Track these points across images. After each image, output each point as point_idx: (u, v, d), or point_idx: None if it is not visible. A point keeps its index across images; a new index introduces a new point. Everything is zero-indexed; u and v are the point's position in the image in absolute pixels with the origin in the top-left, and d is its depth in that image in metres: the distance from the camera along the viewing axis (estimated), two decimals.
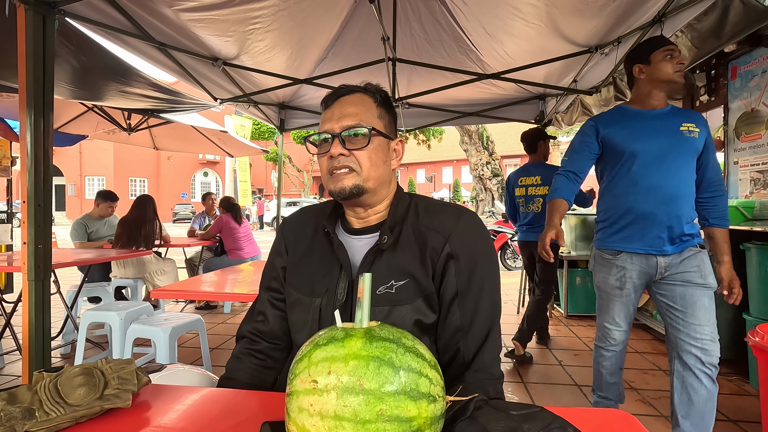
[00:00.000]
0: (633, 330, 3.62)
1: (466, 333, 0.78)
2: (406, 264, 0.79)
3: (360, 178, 0.81)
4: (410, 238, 0.82)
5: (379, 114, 0.86)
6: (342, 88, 0.87)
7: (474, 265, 0.79)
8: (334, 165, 0.82)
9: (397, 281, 0.79)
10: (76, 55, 2.41)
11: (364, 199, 0.84)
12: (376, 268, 0.80)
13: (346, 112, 0.83)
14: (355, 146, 0.81)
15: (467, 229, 0.81)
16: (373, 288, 0.77)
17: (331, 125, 0.83)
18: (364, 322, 0.52)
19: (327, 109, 0.87)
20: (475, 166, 11.45)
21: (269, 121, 4.45)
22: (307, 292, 0.85)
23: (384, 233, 0.81)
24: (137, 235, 3.66)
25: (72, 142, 4.79)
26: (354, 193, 0.81)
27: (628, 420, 0.60)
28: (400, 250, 0.81)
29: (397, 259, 0.80)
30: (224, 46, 2.88)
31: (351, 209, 0.89)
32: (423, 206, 0.87)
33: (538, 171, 3.06)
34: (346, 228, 0.90)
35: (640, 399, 2.33)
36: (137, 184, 26.86)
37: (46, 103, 1.78)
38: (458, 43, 3.12)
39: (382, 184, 0.86)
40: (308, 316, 0.84)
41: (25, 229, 1.72)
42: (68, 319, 3.06)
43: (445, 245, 0.79)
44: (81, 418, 0.60)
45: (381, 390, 0.44)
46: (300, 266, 0.89)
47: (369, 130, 0.81)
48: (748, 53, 3.06)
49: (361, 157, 0.82)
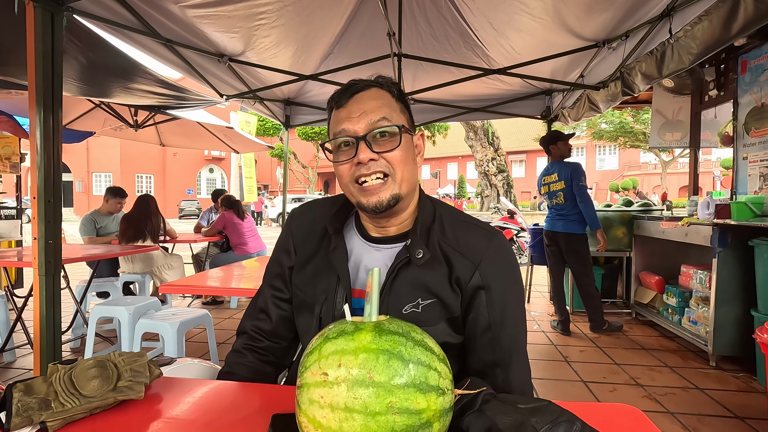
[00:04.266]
0: (639, 326, 3.62)
1: (507, 367, 0.74)
2: (434, 283, 0.73)
3: (395, 184, 0.73)
4: (437, 255, 0.75)
5: (400, 109, 0.77)
6: (354, 84, 0.77)
7: (506, 296, 0.75)
8: (363, 172, 0.72)
9: (424, 300, 0.73)
10: (83, 52, 2.43)
11: (397, 209, 0.75)
12: (400, 283, 0.74)
13: (366, 109, 0.73)
14: (385, 148, 0.72)
15: (498, 258, 0.75)
16: (396, 304, 0.73)
17: (352, 126, 0.72)
18: (373, 315, 0.53)
19: (341, 108, 0.76)
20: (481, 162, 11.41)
21: (275, 117, 4.46)
22: (310, 296, 0.80)
23: (417, 246, 0.73)
24: (143, 230, 3.70)
25: (80, 138, 4.83)
26: (391, 205, 0.73)
27: (635, 414, 0.61)
28: (428, 268, 0.74)
29: (424, 276, 0.73)
30: (230, 43, 2.89)
31: (374, 221, 0.79)
32: (448, 221, 0.79)
33: (554, 169, 3.43)
34: (362, 232, 0.82)
35: (647, 395, 2.33)
36: (143, 181, 27.06)
37: (55, 100, 1.79)
38: (464, 38, 3.11)
39: (413, 187, 0.78)
40: (311, 323, 0.80)
41: (35, 225, 1.74)
42: (78, 314, 3.10)
43: (475, 273, 0.73)
44: (95, 409, 0.61)
45: (391, 383, 0.45)
46: (306, 268, 0.83)
47: (399, 128, 0.73)
48: (758, 47, 3.02)
49: (394, 159, 0.72)
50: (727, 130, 3.56)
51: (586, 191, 3.26)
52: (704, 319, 2.87)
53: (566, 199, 3.32)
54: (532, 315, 4.06)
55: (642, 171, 29.50)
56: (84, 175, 25.48)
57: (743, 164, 3.22)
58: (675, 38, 2.27)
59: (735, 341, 2.68)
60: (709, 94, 3.74)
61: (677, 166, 24.64)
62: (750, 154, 3.15)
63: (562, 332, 3.42)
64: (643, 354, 2.97)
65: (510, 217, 7.88)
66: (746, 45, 3.11)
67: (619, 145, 22.30)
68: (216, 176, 31.54)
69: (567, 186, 3.29)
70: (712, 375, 2.60)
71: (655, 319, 3.47)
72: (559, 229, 3.41)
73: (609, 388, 2.42)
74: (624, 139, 20.27)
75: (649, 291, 3.71)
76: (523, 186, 31.38)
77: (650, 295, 3.69)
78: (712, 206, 2.84)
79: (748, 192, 3.14)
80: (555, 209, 3.44)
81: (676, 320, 3.22)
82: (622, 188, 25.18)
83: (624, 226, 3.87)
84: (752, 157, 3.13)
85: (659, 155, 20.88)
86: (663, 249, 3.65)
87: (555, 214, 3.45)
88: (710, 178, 21.97)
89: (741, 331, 2.66)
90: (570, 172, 3.28)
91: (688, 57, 2.21)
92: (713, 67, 3.60)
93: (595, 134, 20.69)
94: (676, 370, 2.67)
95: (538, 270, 4.48)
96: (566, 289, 4.16)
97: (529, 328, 3.63)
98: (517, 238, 7.55)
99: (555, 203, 3.42)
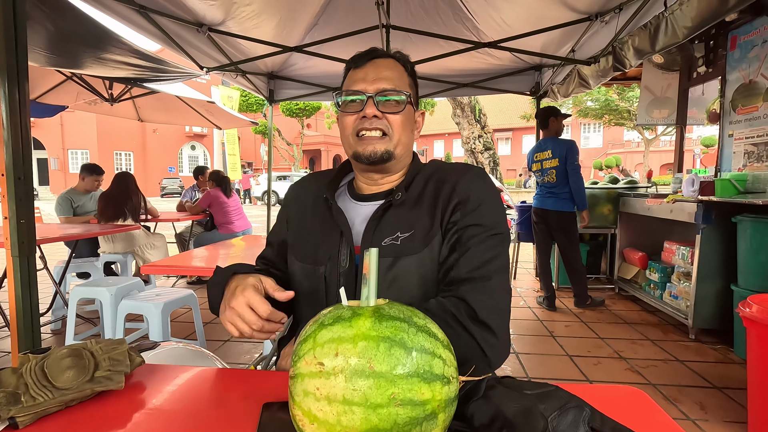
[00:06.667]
0: (622, 301, 3.70)
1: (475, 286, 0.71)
2: (414, 218, 0.79)
3: (391, 143, 0.82)
4: (420, 194, 0.82)
5: (409, 83, 0.87)
6: (375, 50, 0.86)
7: (482, 213, 0.77)
8: (365, 126, 0.80)
9: (403, 233, 0.78)
10: (51, 18, 2.26)
11: (389, 166, 0.84)
12: (383, 224, 0.79)
13: (381, 75, 0.82)
14: (389, 110, 0.81)
15: (475, 179, 0.81)
16: (377, 241, 0.77)
17: (365, 86, 0.81)
18: (371, 299, 0.49)
19: (358, 68, 0.84)
20: (467, 139, 11.35)
21: (258, 91, 4.31)
22: (310, 261, 0.83)
23: (398, 191, 0.81)
24: (122, 208, 3.58)
25: (51, 113, 4.60)
26: (384, 158, 0.81)
27: (640, 396, 0.59)
28: (408, 206, 0.81)
29: (404, 214, 0.80)
30: (209, 11, 2.74)
31: (366, 175, 0.88)
32: (434, 167, 0.88)
33: (548, 146, 3.37)
34: (352, 194, 0.90)
35: (629, 368, 2.39)
36: (122, 158, 26.24)
37: (20, 70, 1.67)
38: (454, 9, 3.01)
39: (407, 153, 0.88)
40: (314, 286, 0.82)
41: (5, 204, 1.65)
42: (57, 295, 3.01)
43: (453, 193, 0.79)
44: (71, 402, 0.57)
45: (393, 372, 0.42)
46: (302, 235, 0.88)
47: (407, 96, 0.82)
48: (749, 23, 3.00)
49: (395, 122, 0.81)
50: (715, 108, 3.57)
51: (579, 171, 3.25)
52: (685, 294, 2.94)
53: (558, 177, 3.30)
54: (519, 291, 4.11)
55: (625, 149, 29.83)
56: (59, 152, 24.56)
57: (728, 141, 3.25)
58: (670, 11, 2.22)
59: (714, 315, 2.75)
60: (698, 71, 3.73)
61: (659, 144, 24.97)
62: (736, 131, 3.17)
63: (548, 308, 3.48)
64: (625, 328, 3.04)
65: None
66: (737, 20, 3.08)
67: (603, 123, 22.44)
68: (198, 153, 30.80)
69: (561, 164, 3.27)
70: (691, 347, 2.68)
71: (637, 294, 3.54)
72: (550, 207, 3.40)
73: (593, 362, 2.47)
74: (609, 117, 20.38)
75: (632, 267, 3.78)
76: (509, 164, 31.48)
77: (633, 271, 3.77)
78: (697, 183, 2.87)
79: (733, 169, 3.18)
80: (545, 187, 3.42)
81: (657, 295, 3.30)
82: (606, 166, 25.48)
83: (610, 203, 3.90)
84: (738, 134, 3.15)
85: (642, 133, 21.09)
86: (647, 226, 3.70)
87: (545, 192, 3.44)
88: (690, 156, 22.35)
89: (720, 305, 2.73)
90: (566, 151, 3.25)
91: (682, 31, 2.17)
92: (702, 43, 3.57)
93: (581, 112, 20.74)
94: (657, 344, 2.75)
95: (524, 247, 4.52)
96: (552, 266, 4.22)
97: (516, 304, 3.68)
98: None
99: (546, 181, 3.40)
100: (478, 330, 0.66)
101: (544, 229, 3.54)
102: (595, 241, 4.25)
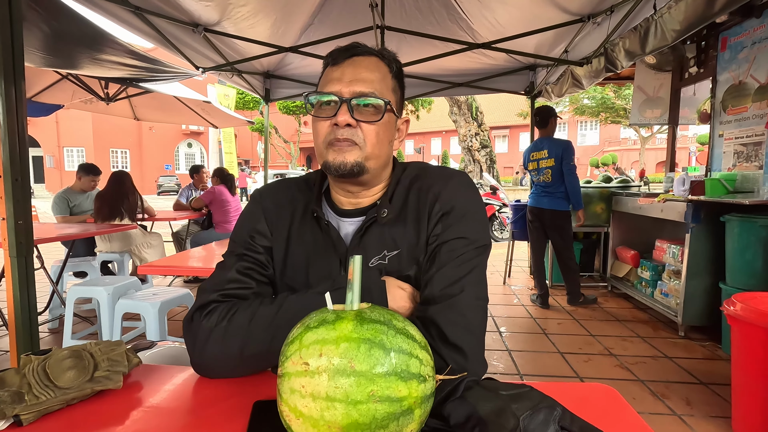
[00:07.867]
0: (614, 299, 3.75)
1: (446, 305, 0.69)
2: (400, 236, 0.75)
3: (362, 154, 0.72)
4: (403, 207, 0.77)
5: (393, 87, 0.77)
6: (356, 46, 0.75)
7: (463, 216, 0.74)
8: (337, 136, 0.71)
9: (390, 251, 0.75)
10: (46, 19, 2.28)
11: (363, 180, 0.76)
12: (367, 243, 0.75)
13: (359, 77, 0.72)
14: (365, 118, 0.72)
15: (457, 187, 0.77)
16: (364, 260, 0.73)
17: (340, 87, 0.71)
18: (355, 304, 0.52)
19: (335, 66, 0.74)
20: (464, 137, 11.38)
21: (254, 90, 4.33)
22: (301, 285, 0.78)
23: (383, 206, 0.76)
24: (119, 208, 3.59)
25: (47, 112, 4.60)
26: (354, 171, 0.72)
27: (610, 393, 0.63)
28: (393, 224, 0.76)
29: (389, 231, 0.76)
30: (204, 11, 2.76)
31: (341, 186, 0.79)
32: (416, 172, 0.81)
33: (544, 145, 3.40)
34: (333, 208, 0.82)
35: (619, 365, 2.44)
36: (119, 156, 26.14)
37: (16, 70, 1.69)
38: (448, 10, 3.03)
39: (383, 166, 0.78)
40: None
41: (2, 205, 1.67)
42: (54, 295, 3.03)
43: (435, 204, 0.75)
44: (72, 401, 0.60)
45: (372, 371, 0.45)
46: (291, 256, 0.80)
47: (385, 104, 0.72)
48: (739, 24, 3.04)
49: (369, 132, 0.72)
50: (706, 108, 3.61)
51: (575, 171, 3.29)
52: (675, 292, 2.99)
53: (554, 177, 3.34)
54: (513, 289, 4.16)
55: (622, 147, 29.96)
56: (55, 150, 24.43)
57: (719, 141, 3.29)
58: (659, 14, 2.25)
59: (703, 312, 2.81)
60: (689, 71, 3.77)
61: (655, 141, 25.09)
62: (726, 131, 3.22)
63: (541, 306, 3.52)
64: (616, 325, 3.09)
65: (492, 193, 7.94)
66: (727, 22, 3.12)
67: (600, 121, 22.53)
68: (195, 151, 30.71)
69: (557, 164, 3.30)
70: (680, 344, 2.73)
71: (629, 292, 3.60)
72: (545, 206, 3.44)
73: (584, 359, 2.52)
74: (605, 115, 20.47)
75: (624, 265, 3.83)
76: (506, 161, 31.57)
77: (626, 269, 3.82)
78: (687, 183, 2.91)
79: (722, 169, 3.22)
80: (541, 186, 3.46)
81: (648, 293, 3.35)
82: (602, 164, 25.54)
83: (603, 202, 3.95)
84: (728, 134, 3.20)
85: (638, 131, 21.19)
86: (639, 224, 3.75)
87: (540, 191, 3.47)
88: (686, 154, 22.47)
89: (709, 303, 2.78)
90: (562, 151, 3.29)
91: (671, 33, 2.20)
92: (694, 43, 3.61)
93: (577, 110, 20.81)
94: (647, 340, 2.80)
95: (518, 245, 4.56)
96: (546, 264, 4.26)
97: (509, 302, 3.72)
98: (499, 213, 7.65)
99: (542, 180, 3.44)
100: (449, 353, 0.66)
101: (538, 228, 3.58)
102: (589, 240, 4.30)
